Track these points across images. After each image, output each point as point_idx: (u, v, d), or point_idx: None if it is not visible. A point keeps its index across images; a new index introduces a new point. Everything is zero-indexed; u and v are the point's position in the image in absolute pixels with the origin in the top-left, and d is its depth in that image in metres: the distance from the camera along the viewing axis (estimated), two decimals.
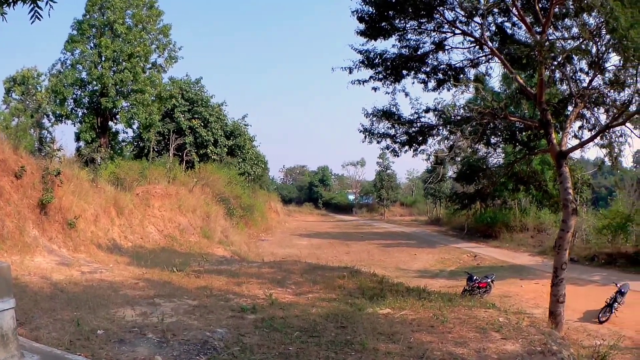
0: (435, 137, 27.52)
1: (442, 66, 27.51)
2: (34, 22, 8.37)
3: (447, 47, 27.16)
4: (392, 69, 26.98)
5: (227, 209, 56.20)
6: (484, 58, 27.40)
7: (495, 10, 25.85)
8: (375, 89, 27.49)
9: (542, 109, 24.37)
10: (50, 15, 8.42)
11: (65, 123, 52.42)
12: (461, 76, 27.10)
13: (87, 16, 51.36)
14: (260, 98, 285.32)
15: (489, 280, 31.61)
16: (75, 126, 53.38)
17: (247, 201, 69.14)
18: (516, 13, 24.44)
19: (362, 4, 25.68)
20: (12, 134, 37.00)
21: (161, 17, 54.97)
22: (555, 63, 24.33)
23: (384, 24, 26.04)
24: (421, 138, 27.41)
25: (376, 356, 13.03)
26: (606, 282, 34.08)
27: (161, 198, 41.86)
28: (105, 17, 50.87)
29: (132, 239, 34.40)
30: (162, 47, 55.02)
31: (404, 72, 27.23)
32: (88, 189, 32.47)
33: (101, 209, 32.68)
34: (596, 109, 26.43)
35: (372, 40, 26.63)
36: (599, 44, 23.01)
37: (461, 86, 25.51)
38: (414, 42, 27.10)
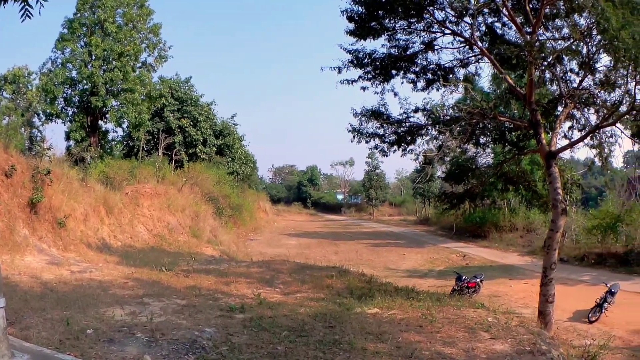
0: (424, 137, 27.60)
1: (431, 66, 27.53)
2: (24, 20, 8.33)
3: (436, 47, 27.18)
4: (381, 69, 26.99)
5: (215, 208, 56.15)
6: (473, 58, 27.45)
7: (486, 11, 25.87)
8: (364, 88, 27.49)
9: (532, 109, 24.39)
10: (41, 13, 8.39)
11: (55, 122, 52.26)
12: (450, 76, 27.14)
13: (78, 15, 51.17)
14: (249, 97, 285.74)
15: (477, 280, 31.62)
16: (65, 125, 53.34)
17: (235, 200, 69.14)
18: (506, 13, 24.42)
19: (352, 3, 25.67)
20: (2, 132, 36.86)
21: (151, 16, 54.95)
22: (546, 63, 24.33)
23: (373, 24, 26.04)
24: (410, 138, 27.46)
25: (364, 356, 13.02)
26: (596, 282, 34.19)
27: (150, 197, 41.78)
28: (96, 16, 50.73)
29: (122, 238, 34.32)
30: (152, 46, 54.95)
31: (393, 72, 27.24)
32: (78, 188, 32.36)
33: (91, 208, 32.58)
34: (586, 109, 26.47)
35: (362, 40, 26.65)
36: (589, 44, 23.04)
37: (450, 86, 25.57)
38: (404, 42, 27.12)
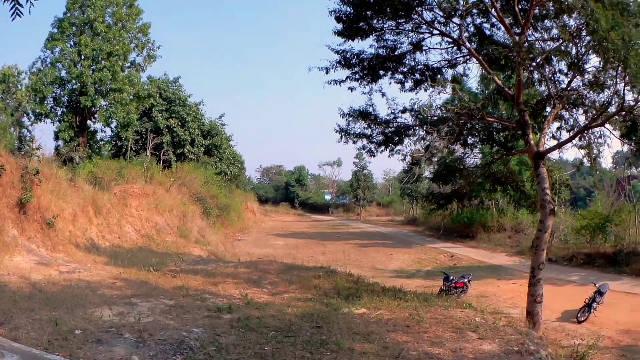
0: (411, 138, 27.57)
1: (419, 66, 27.53)
2: (14, 19, 8.29)
3: (424, 48, 27.17)
4: (369, 69, 26.97)
5: (203, 208, 56.17)
6: (461, 59, 27.44)
7: (474, 11, 25.90)
8: (351, 89, 27.48)
9: (520, 109, 24.43)
10: (31, 12, 8.35)
11: (44, 122, 51.76)
12: (438, 76, 27.14)
13: (68, 14, 50.75)
14: (237, 97, 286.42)
15: (465, 280, 31.72)
16: (54, 125, 52.78)
17: (223, 201, 69.11)
18: (495, 14, 24.39)
19: (340, 3, 25.65)
20: None
21: (141, 16, 54.67)
22: (534, 64, 24.35)
23: (361, 24, 26.03)
24: (397, 138, 27.44)
25: (352, 356, 13.03)
26: (585, 282, 34.44)
27: (138, 197, 41.71)
28: (85, 15, 50.43)
29: (110, 238, 34.24)
30: (141, 46, 54.65)
31: (381, 73, 27.26)
32: (66, 188, 32.30)
33: (79, 208, 32.51)
34: (575, 110, 26.50)
35: (350, 41, 26.64)
36: (578, 45, 23.07)
37: (438, 87, 25.54)
38: (392, 43, 27.11)
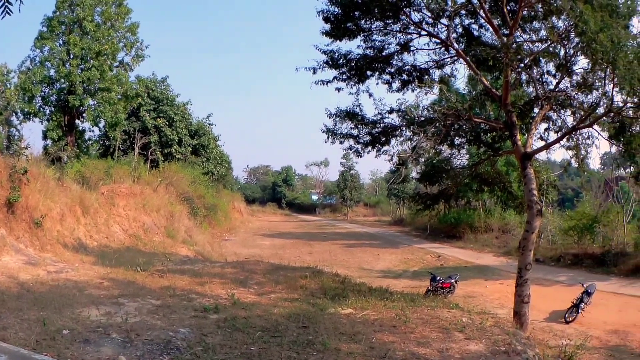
0: (398, 138, 27.65)
1: (407, 67, 27.63)
2: (4, 17, 8.27)
3: (412, 48, 27.28)
4: (356, 70, 27.04)
5: (190, 208, 56.14)
6: (449, 59, 27.56)
7: (463, 12, 26.02)
8: (339, 89, 27.54)
9: (508, 110, 24.48)
10: (21, 11, 8.33)
11: (33, 121, 51.89)
12: (426, 77, 27.24)
13: (57, 13, 50.93)
14: (224, 97, 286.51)
15: (452, 281, 31.75)
16: (42, 124, 52.97)
17: (210, 201, 69.10)
18: (484, 15, 24.51)
19: (328, 4, 25.68)
20: None
21: (129, 15, 54.66)
22: (522, 65, 24.44)
23: (349, 25, 26.08)
24: (384, 139, 27.54)
25: (338, 356, 13.07)
26: (572, 282, 34.43)
27: (126, 197, 41.63)
28: (74, 14, 50.46)
29: (98, 238, 34.13)
30: (130, 45, 54.66)
31: (368, 73, 27.32)
32: (54, 187, 32.19)
33: (67, 208, 32.41)
34: (563, 111, 26.61)
35: (337, 41, 26.68)
36: (567, 46, 23.18)
37: (425, 87, 25.58)
38: (379, 43, 27.21)
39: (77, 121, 53.70)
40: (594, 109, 23.29)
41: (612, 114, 22.42)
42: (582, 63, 24.48)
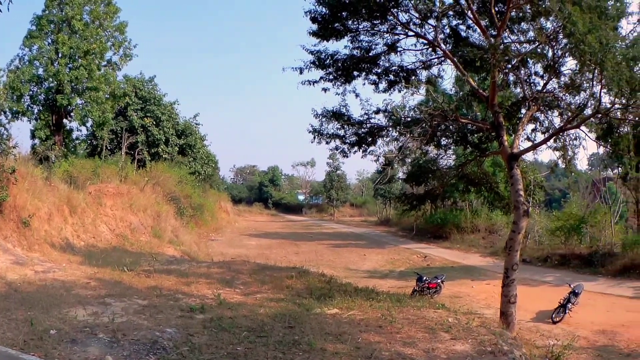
0: (384, 138, 27.64)
1: (393, 68, 27.57)
2: None
3: (399, 49, 27.23)
4: (343, 70, 27.01)
5: (177, 208, 56.11)
6: (436, 60, 27.51)
7: (450, 13, 26.00)
8: (325, 89, 27.49)
9: (495, 111, 24.50)
10: (10, 9, 8.29)
11: (21, 120, 51.31)
12: (413, 78, 27.23)
13: (47, 11, 50.65)
14: (210, 96, 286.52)
15: (439, 281, 31.74)
16: (30, 123, 52.58)
17: (197, 201, 69.08)
18: (471, 16, 24.47)
19: (316, 4, 25.61)
20: None
21: (118, 14, 54.40)
22: (510, 66, 24.45)
23: (336, 25, 26.02)
24: (370, 139, 27.54)
25: (324, 356, 13.08)
26: (559, 282, 34.65)
27: (113, 197, 41.55)
28: (63, 13, 50.20)
29: (85, 238, 34.06)
30: (118, 44, 54.33)
31: (355, 73, 27.29)
32: (42, 187, 32.11)
33: (55, 207, 32.34)
34: (550, 112, 26.63)
35: (325, 41, 26.64)
36: (555, 48, 23.18)
37: (412, 88, 25.60)
38: (367, 44, 27.16)
39: (64, 120, 53.34)
40: (581, 110, 23.31)
41: (600, 115, 22.44)
42: (570, 64, 24.42)
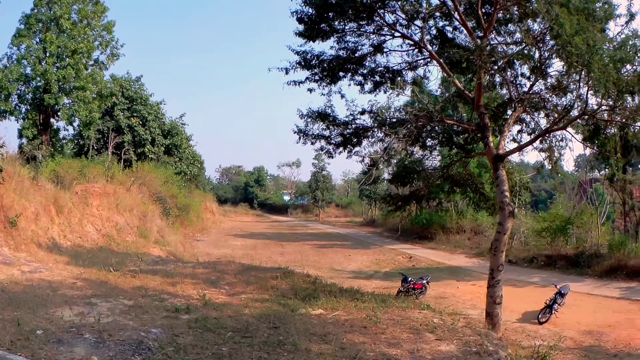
0: (370, 139, 27.70)
1: (379, 68, 27.61)
2: None
3: (385, 50, 27.24)
4: (328, 71, 27.02)
5: (163, 208, 56.11)
6: (422, 61, 27.55)
7: (437, 14, 26.06)
8: (311, 90, 27.51)
9: (480, 112, 24.57)
10: None
11: (9, 119, 51.26)
12: (398, 79, 27.27)
13: (35, 10, 50.61)
14: (196, 96, 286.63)
15: (424, 282, 31.67)
16: (18, 122, 52.47)
17: (183, 201, 68.97)
18: (458, 17, 24.54)
19: (303, 5, 25.63)
20: None
21: (106, 14, 54.30)
22: (496, 67, 24.49)
23: (323, 26, 26.05)
24: (356, 140, 27.61)
25: (308, 357, 13.07)
26: (546, 283, 34.61)
27: (99, 197, 41.46)
28: (52, 12, 50.21)
29: (71, 238, 33.96)
30: (105, 44, 54.19)
31: (341, 74, 27.30)
32: (29, 186, 32.02)
33: (41, 207, 32.22)
34: (536, 113, 26.71)
35: (311, 42, 26.67)
36: (542, 49, 23.29)
37: (397, 89, 25.67)
38: (353, 44, 27.19)
39: (52, 120, 53.27)
40: (568, 111, 23.42)
41: (587, 116, 22.60)
42: (556, 66, 24.52)
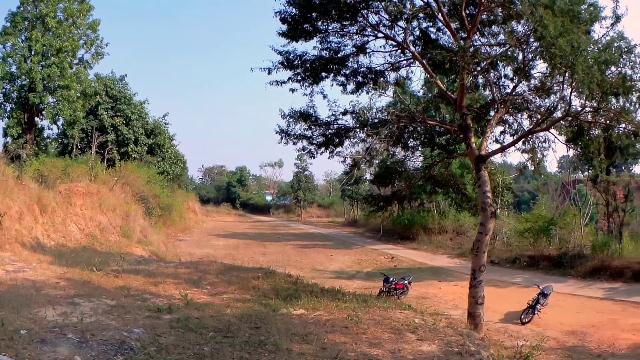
0: (351, 140, 27.73)
1: (362, 69, 27.67)
2: None
3: (368, 51, 27.33)
4: (311, 71, 27.06)
5: (146, 208, 56.04)
6: (405, 62, 27.61)
7: (421, 15, 26.09)
8: (293, 90, 27.52)
9: (463, 113, 24.66)
10: None
11: None
12: (381, 79, 27.32)
13: (22, 8, 50.53)
14: (179, 97, 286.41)
15: (406, 282, 31.71)
16: (2, 121, 52.32)
17: (165, 200, 68.88)
18: (442, 19, 24.60)
19: (286, 5, 25.65)
20: None
21: (91, 12, 54.23)
22: (479, 68, 24.55)
23: (306, 26, 26.08)
24: (337, 140, 27.63)
25: (290, 356, 13.10)
26: (528, 284, 34.76)
27: (83, 196, 41.35)
28: (38, 10, 50.09)
29: (55, 237, 33.87)
30: (90, 42, 54.10)
31: (323, 74, 27.35)
32: (13, 186, 31.94)
33: (25, 206, 32.14)
34: (519, 114, 26.77)
35: (294, 42, 26.70)
36: (525, 51, 23.35)
37: (379, 89, 25.70)
38: (336, 45, 27.25)
39: (36, 119, 53.19)
40: (551, 112, 23.50)
41: (570, 118, 22.69)
42: (540, 67, 24.61)
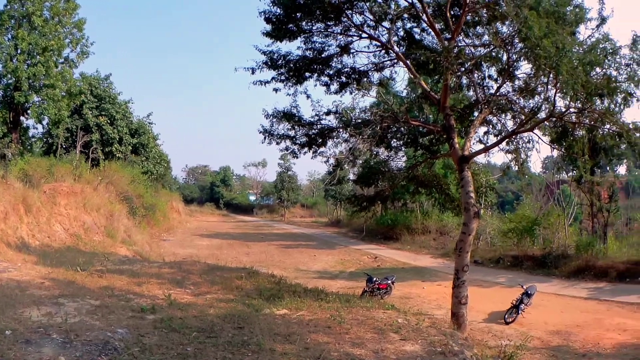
0: (335, 140, 27.77)
1: (346, 69, 27.76)
2: None
3: (352, 51, 27.42)
4: (295, 71, 27.09)
5: (130, 208, 56.03)
6: (389, 62, 27.70)
7: (405, 16, 26.15)
8: (276, 90, 27.56)
9: (446, 114, 24.75)
10: None
11: None
12: (364, 80, 27.39)
13: (8, 7, 50.38)
14: (163, 96, 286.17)
15: (389, 282, 31.86)
16: None
17: (149, 200, 68.78)
18: (426, 19, 24.65)
19: (271, 5, 25.68)
20: None
21: (77, 11, 54.16)
22: (463, 69, 24.60)
23: (290, 26, 26.11)
24: (321, 140, 27.69)
25: (272, 357, 13.07)
26: (512, 283, 34.98)
27: (67, 196, 41.27)
28: (24, 9, 49.97)
29: (40, 237, 33.85)
30: (76, 41, 53.98)
31: (307, 74, 27.41)
32: None
33: (10, 206, 32.13)
34: (503, 115, 26.84)
35: (278, 42, 26.73)
36: (510, 52, 23.44)
37: (363, 90, 25.76)
38: (320, 45, 27.31)
39: (21, 118, 53.06)
40: (535, 113, 23.62)
41: (554, 118, 22.79)
42: (524, 68, 24.74)
